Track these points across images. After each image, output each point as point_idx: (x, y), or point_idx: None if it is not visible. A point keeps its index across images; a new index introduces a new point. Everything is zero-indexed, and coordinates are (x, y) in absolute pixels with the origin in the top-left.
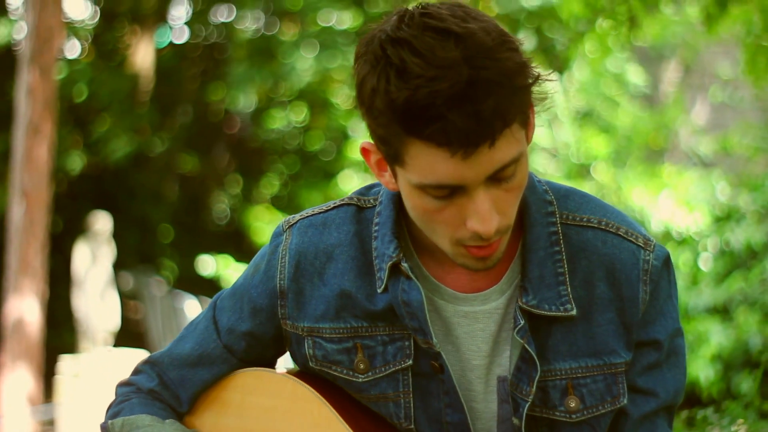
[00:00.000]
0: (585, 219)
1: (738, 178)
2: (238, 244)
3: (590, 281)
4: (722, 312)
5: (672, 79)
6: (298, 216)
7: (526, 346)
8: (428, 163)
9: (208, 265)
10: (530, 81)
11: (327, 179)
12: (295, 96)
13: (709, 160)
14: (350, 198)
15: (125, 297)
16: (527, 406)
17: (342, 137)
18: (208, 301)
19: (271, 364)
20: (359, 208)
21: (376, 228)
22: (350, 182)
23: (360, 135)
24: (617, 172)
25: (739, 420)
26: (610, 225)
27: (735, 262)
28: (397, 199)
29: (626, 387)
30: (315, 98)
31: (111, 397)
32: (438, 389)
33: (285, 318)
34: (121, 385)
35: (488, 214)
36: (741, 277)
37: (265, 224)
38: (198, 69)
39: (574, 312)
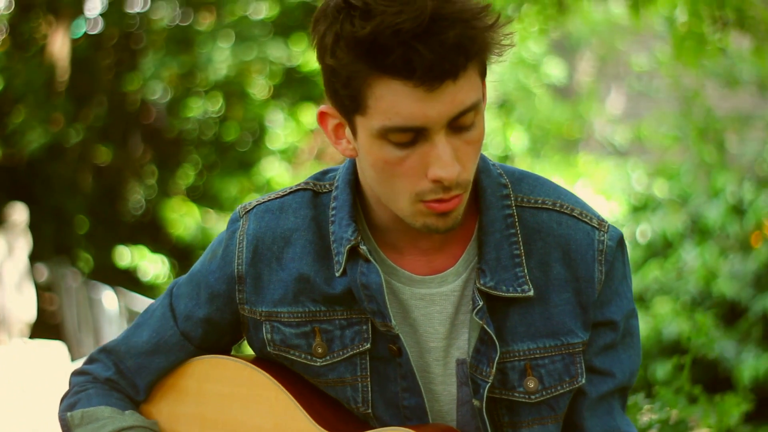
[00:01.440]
0: (540, 201)
1: (654, 167)
2: (153, 235)
3: (546, 262)
4: (638, 301)
5: (587, 70)
6: (254, 201)
7: (485, 327)
8: (393, 102)
9: (124, 256)
10: (490, 23)
11: (243, 170)
12: (210, 86)
13: (624, 149)
14: (306, 183)
15: (41, 288)
16: (488, 387)
17: (258, 128)
18: (125, 292)
19: (226, 351)
20: (315, 192)
21: (333, 212)
22: (272, 169)
23: (277, 126)
24: (534, 162)
25: (667, 408)
26: (565, 206)
27: (651, 251)
28: (353, 183)
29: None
30: (231, 89)
31: (27, 387)
32: (395, 373)
33: (243, 303)
34: (76, 374)
35: (450, 160)
36: (657, 266)
37: (180, 216)
38: (113, 59)
39: (531, 293)
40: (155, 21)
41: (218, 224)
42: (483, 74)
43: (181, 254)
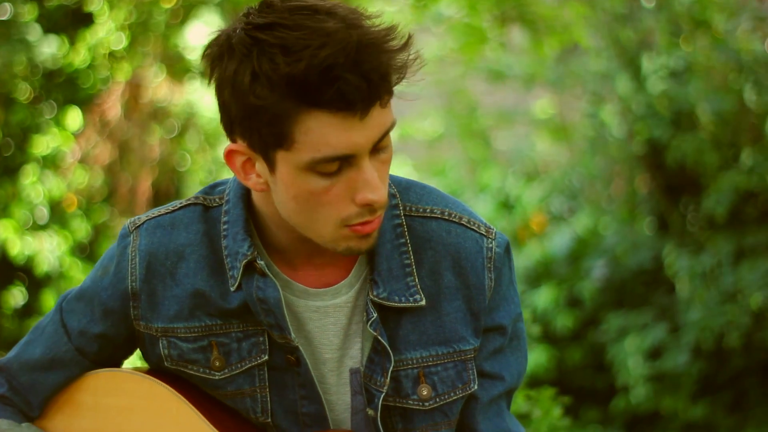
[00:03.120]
0: (428, 210)
1: (421, 164)
2: None
3: (437, 271)
4: None
5: None
6: (143, 217)
7: (379, 338)
8: (322, 135)
9: None
10: (404, 44)
11: (8, 176)
12: None
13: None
14: (196, 198)
15: None
16: (382, 396)
17: (22, 133)
18: None
19: (119, 364)
20: (206, 207)
21: (225, 227)
22: (36, 174)
23: (43, 131)
24: None
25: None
26: (453, 215)
27: None
28: (246, 198)
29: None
30: None
31: None
32: (293, 382)
33: (138, 319)
34: None
35: (379, 183)
36: None
37: None
38: None
39: (423, 302)
40: None
41: None
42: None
43: None
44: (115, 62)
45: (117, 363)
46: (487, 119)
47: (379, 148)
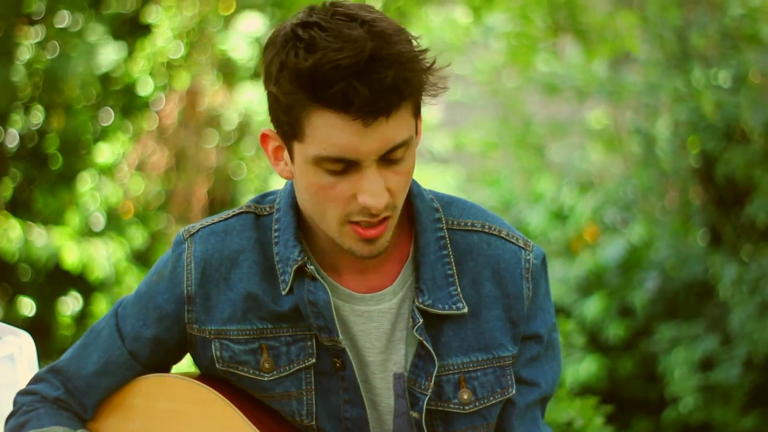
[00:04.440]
0: (469, 224)
1: (474, 174)
2: None
3: (477, 281)
4: None
5: None
6: (198, 225)
7: (424, 342)
8: (328, 133)
9: None
10: (425, 67)
11: (64, 183)
12: (29, 99)
13: (441, 157)
14: (248, 206)
15: None
16: (426, 399)
17: (79, 140)
18: None
19: (169, 370)
20: (257, 215)
21: (276, 234)
22: (93, 182)
23: (100, 138)
24: None
25: None
26: (493, 228)
27: None
28: (295, 207)
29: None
30: (53, 100)
31: None
32: (338, 386)
33: (192, 322)
34: (22, 394)
35: (380, 191)
36: None
37: (2, 230)
38: None
39: (465, 310)
40: None
41: (40, 238)
42: (416, 113)
43: (1, 267)
44: (173, 71)
45: (167, 368)
46: (541, 130)
47: (390, 159)
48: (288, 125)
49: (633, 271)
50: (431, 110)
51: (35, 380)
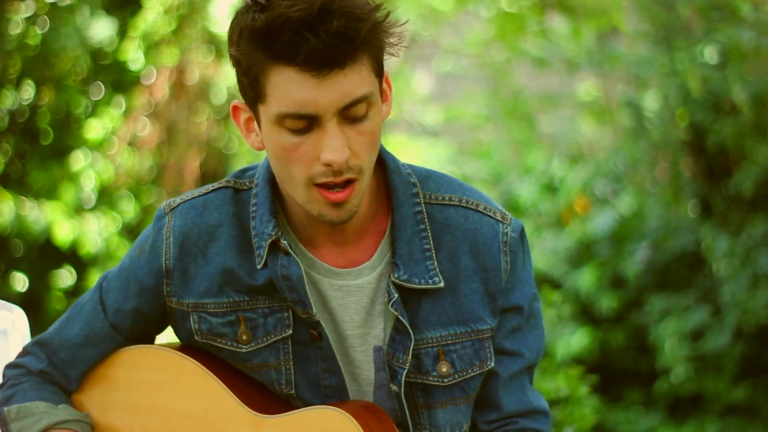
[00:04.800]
0: (447, 198)
1: (465, 146)
2: None
3: (455, 255)
4: None
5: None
6: (178, 199)
7: (399, 317)
8: (286, 89)
9: None
10: (377, 20)
11: (56, 158)
12: (19, 73)
13: (432, 130)
14: (227, 181)
15: None
16: (405, 372)
17: (70, 115)
18: None
19: (151, 341)
20: (236, 190)
21: (254, 208)
22: (85, 157)
23: (91, 113)
24: None
25: None
26: (470, 202)
27: None
28: (272, 181)
29: (494, 350)
30: (43, 75)
31: None
32: (316, 355)
33: (171, 295)
34: (10, 367)
35: (340, 146)
36: None
37: None
38: None
39: (441, 284)
40: None
41: (32, 212)
42: (377, 72)
43: None
44: (163, 45)
45: (149, 339)
46: (532, 102)
47: (352, 115)
48: (250, 87)
49: (623, 243)
50: (421, 83)
51: (22, 353)
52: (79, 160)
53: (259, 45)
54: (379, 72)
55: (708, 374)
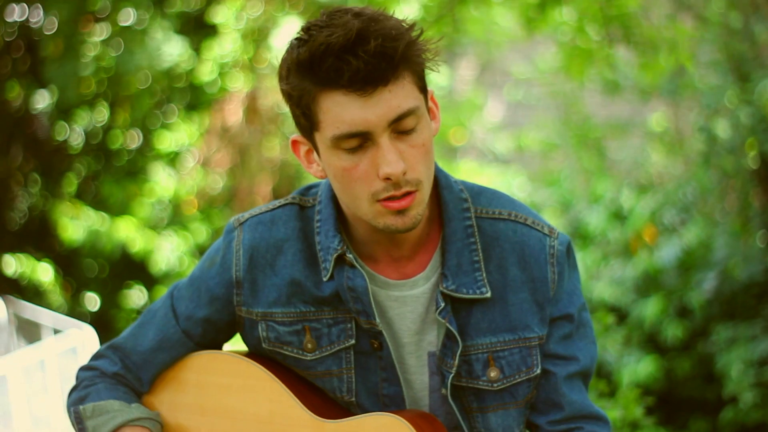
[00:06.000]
0: (497, 212)
1: (535, 174)
2: (38, 244)
3: (504, 266)
4: None
5: (466, 77)
6: (247, 214)
7: (447, 325)
8: (337, 112)
9: (10, 264)
10: (411, 37)
11: (130, 177)
12: (94, 95)
13: (503, 157)
14: (293, 198)
15: None
16: (451, 377)
17: (144, 135)
18: (13, 300)
19: (220, 347)
20: (301, 207)
21: (318, 224)
22: (158, 175)
23: (163, 134)
24: None
25: None
26: (519, 216)
27: None
28: (335, 199)
29: (548, 355)
30: (118, 96)
31: None
32: (376, 365)
33: (240, 305)
34: (84, 369)
35: (395, 159)
36: None
37: (71, 219)
38: None
39: (488, 294)
40: (38, 29)
41: (105, 226)
42: (421, 88)
43: (66, 261)
44: (238, 70)
45: (218, 346)
46: (602, 130)
47: (401, 129)
48: (304, 117)
49: (691, 272)
50: (493, 110)
51: (96, 357)
52: (151, 179)
53: (305, 75)
54: (422, 88)
55: None
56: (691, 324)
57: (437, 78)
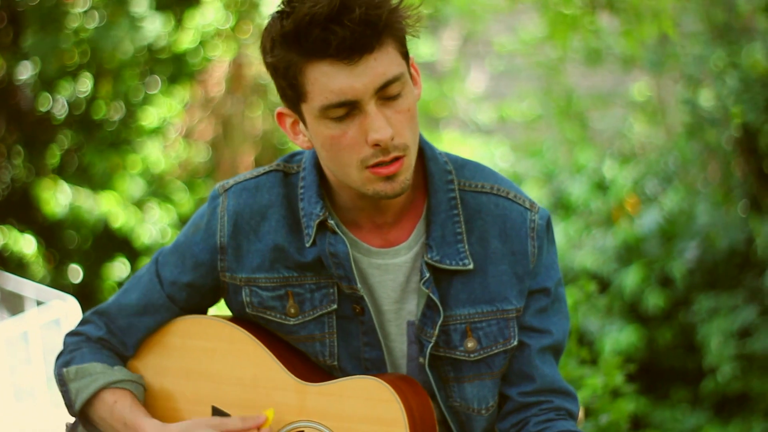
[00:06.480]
0: (480, 185)
1: (518, 144)
2: (21, 215)
3: (485, 239)
4: None
5: (449, 48)
6: (231, 181)
7: (430, 295)
8: (324, 82)
9: None
10: (395, 3)
11: (114, 148)
12: (77, 66)
13: (486, 128)
14: (277, 165)
15: None
16: (430, 346)
17: (128, 107)
18: None
19: (204, 312)
20: (285, 173)
21: (302, 191)
22: (143, 148)
23: (148, 105)
24: None
25: None
26: (501, 190)
27: None
28: (318, 166)
29: (523, 328)
30: (101, 68)
31: None
32: (358, 330)
33: (224, 270)
34: (70, 335)
35: (383, 125)
36: None
37: (52, 194)
38: None
39: (471, 266)
40: (20, 0)
41: (87, 201)
42: (403, 54)
43: (49, 233)
44: (221, 41)
45: (202, 311)
46: (584, 101)
47: (387, 95)
48: (290, 88)
49: (672, 242)
50: (475, 81)
51: (82, 322)
52: (134, 151)
53: (291, 47)
54: (404, 54)
55: (755, 374)
56: (673, 293)
57: (421, 48)
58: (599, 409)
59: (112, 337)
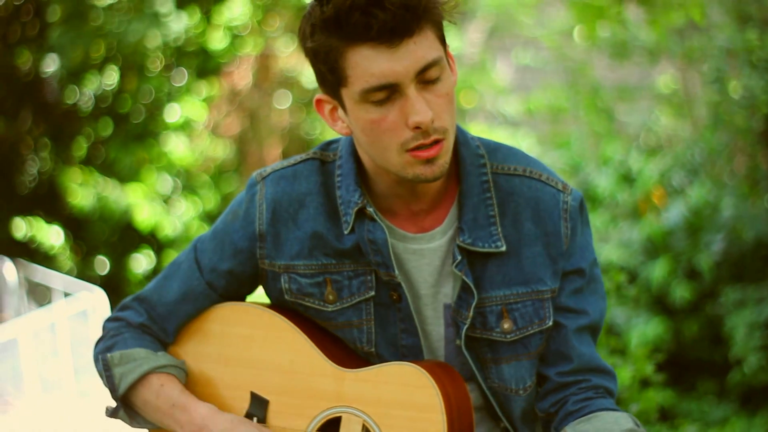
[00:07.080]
0: (512, 168)
1: (544, 136)
2: (48, 207)
3: (518, 221)
4: None
5: (475, 41)
6: (269, 169)
7: (463, 277)
8: (365, 66)
9: (20, 227)
10: None
11: (139, 141)
12: (103, 59)
13: (512, 120)
14: (314, 153)
15: None
16: (465, 328)
17: (154, 100)
18: (24, 263)
19: (243, 299)
20: (322, 162)
21: (339, 179)
22: (169, 142)
23: (174, 99)
24: None
25: None
26: (534, 173)
27: None
28: (355, 154)
29: (559, 308)
30: (127, 62)
31: None
32: (395, 317)
33: (263, 258)
34: (110, 320)
35: (424, 108)
36: None
37: (79, 185)
38: (1, 32)
39: (504, 248)
40: None
41: (115, 192)
42: (441, 39)
43: (76, 224)
44: (248, 35)
45: (241, 298)
46: (610, 94)
47: (427, 79)
48: (331, 74)
49: (699, 234)
50: (502, 73)
51: (122, 308)
52: (161, 144)
53: (332, 32)
54: (442, 39)
55: None
56: (699, 286)
57: (448, 40)
58: (628, 398)
59: (153, 324)
